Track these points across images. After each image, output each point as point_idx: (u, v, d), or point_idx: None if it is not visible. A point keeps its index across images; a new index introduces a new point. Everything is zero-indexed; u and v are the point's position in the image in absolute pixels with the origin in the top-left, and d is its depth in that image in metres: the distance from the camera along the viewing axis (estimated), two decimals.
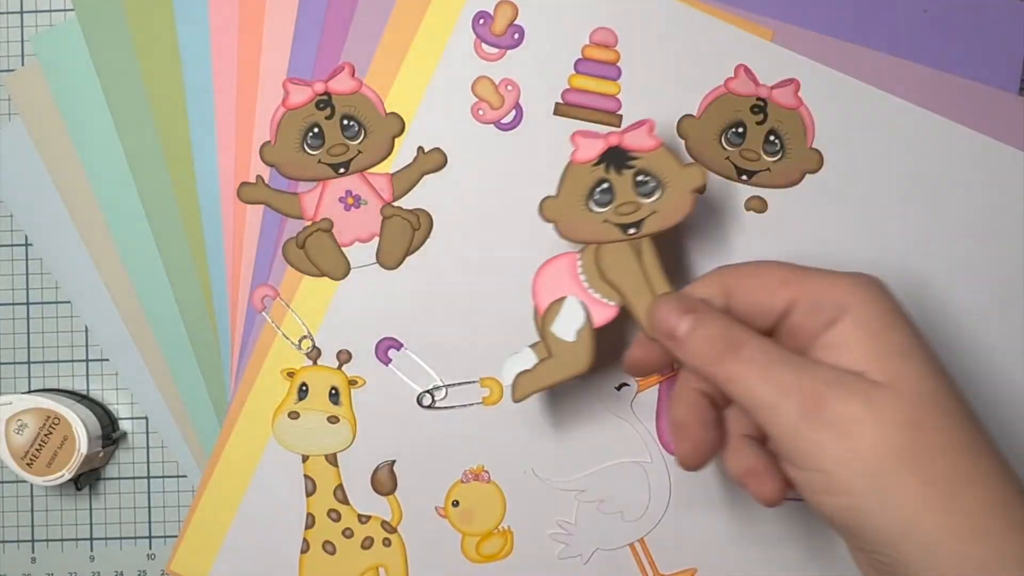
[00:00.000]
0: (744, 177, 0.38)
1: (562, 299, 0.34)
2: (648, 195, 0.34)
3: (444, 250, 0.38)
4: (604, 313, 0.34)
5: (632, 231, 0.34)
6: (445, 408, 0.38)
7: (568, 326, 0.34)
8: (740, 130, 0.38)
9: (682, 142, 0.38)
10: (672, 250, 0.38)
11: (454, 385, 0.38)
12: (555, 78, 0.38)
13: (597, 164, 0.34)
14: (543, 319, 0.34)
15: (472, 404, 0.38)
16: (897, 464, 0.27)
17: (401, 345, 0.39)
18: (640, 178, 0.34)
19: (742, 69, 0.38)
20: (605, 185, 0.34)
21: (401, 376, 0.39)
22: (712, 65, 0.38)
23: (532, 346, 0.34)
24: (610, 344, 0.38)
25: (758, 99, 0.38)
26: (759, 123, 0.38)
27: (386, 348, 0.39)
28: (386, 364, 0.39)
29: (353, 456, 0.39)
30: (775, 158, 0.38)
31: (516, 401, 0.34)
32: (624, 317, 0.34)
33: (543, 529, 0.39)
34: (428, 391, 0.38)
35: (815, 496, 0.29)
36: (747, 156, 0.38)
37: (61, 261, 0.40)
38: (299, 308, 0.39)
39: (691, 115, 0.38)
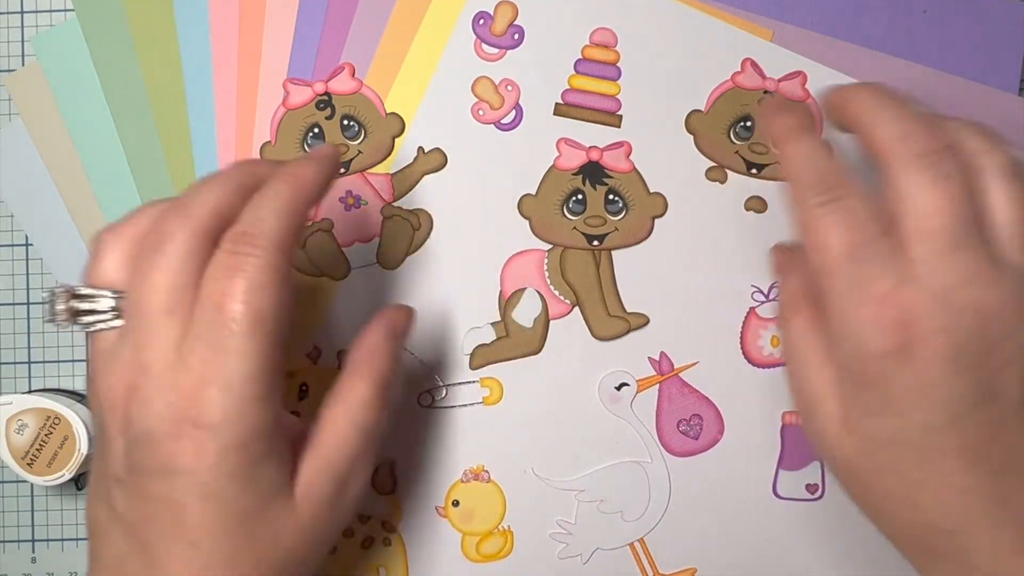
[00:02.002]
0: (754, 171, 0.38)
1: (524, 289, 0.38)
2: (615, 214, 0.38)
3: (444, 250, 0.38)
4: (559, 308, 0.38)
5: (595, 243, 0.37)
6: (445, 408, 0.39)
7: (527, 314, 0.38)
8: (748, 124, 0.38)
9: (691, 137, 0.38)
10: (671, 250, 0.38)
11: (454, 385, 0.38)
12: (555, 78, 0.38)
13: (576, 174, 0.37)
14: (507, 303, 0.38)
15: (472, 404, 0.38)
16: None
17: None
18: (611, 196, 0.38)
19: (748, 63, 0.38)
20: (580, 196, 0.38)
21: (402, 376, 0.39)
22: (712, 65, 0.38)
23: (493, 324, 0.38)
24: (607, 343, 0.38)
25: (765, 92, 0.38)
26: None
27: None
28: None
29: None
30: None
31: (473, 369, 0.38)
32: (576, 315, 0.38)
33: (543, 529, 0.39)
34: (428, 391, 0.39)
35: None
36: (756, 150, 0.38)
37: (61, 261, 0.40)
38: (299, 308, 0.39)
39: (699, 110, 0.38)
